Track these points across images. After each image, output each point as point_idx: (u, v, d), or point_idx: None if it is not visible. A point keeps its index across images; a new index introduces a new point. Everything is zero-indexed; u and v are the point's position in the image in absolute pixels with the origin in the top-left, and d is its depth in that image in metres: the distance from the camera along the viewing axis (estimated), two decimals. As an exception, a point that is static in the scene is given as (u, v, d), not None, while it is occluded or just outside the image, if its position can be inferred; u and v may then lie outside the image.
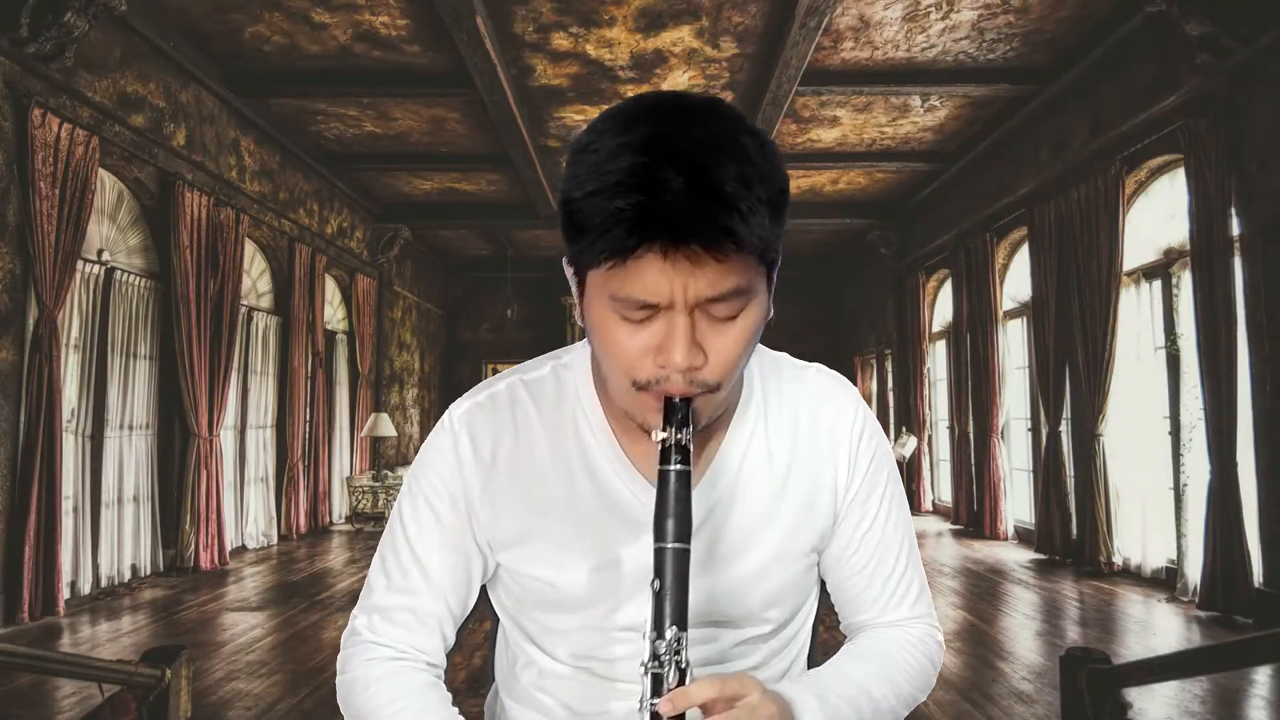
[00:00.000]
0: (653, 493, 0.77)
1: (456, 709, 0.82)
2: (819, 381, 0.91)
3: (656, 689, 0.66)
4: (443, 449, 0.85)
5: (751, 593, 0.84)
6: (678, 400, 0.71)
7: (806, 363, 0.94)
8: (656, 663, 0.66)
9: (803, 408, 0.89)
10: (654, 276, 0.66)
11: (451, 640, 0.88)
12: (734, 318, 0.70)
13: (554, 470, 0.84)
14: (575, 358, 0.88)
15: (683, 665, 0.66)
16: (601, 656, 0.85)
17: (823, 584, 0.95)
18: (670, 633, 0.66)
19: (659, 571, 0.67)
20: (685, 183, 0.63)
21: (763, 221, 0.66)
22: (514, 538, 0.84)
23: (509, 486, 0.84)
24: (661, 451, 0.71)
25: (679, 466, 0.70)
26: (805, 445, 0.87)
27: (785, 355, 0.94)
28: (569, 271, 0.75)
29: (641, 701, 0.66)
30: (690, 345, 0.68)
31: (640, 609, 0.81)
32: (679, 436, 0.70)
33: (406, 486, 0.88)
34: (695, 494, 0.78)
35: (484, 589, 0.93)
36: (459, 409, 0.87)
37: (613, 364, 0.73)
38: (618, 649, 0.84)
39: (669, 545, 0.68)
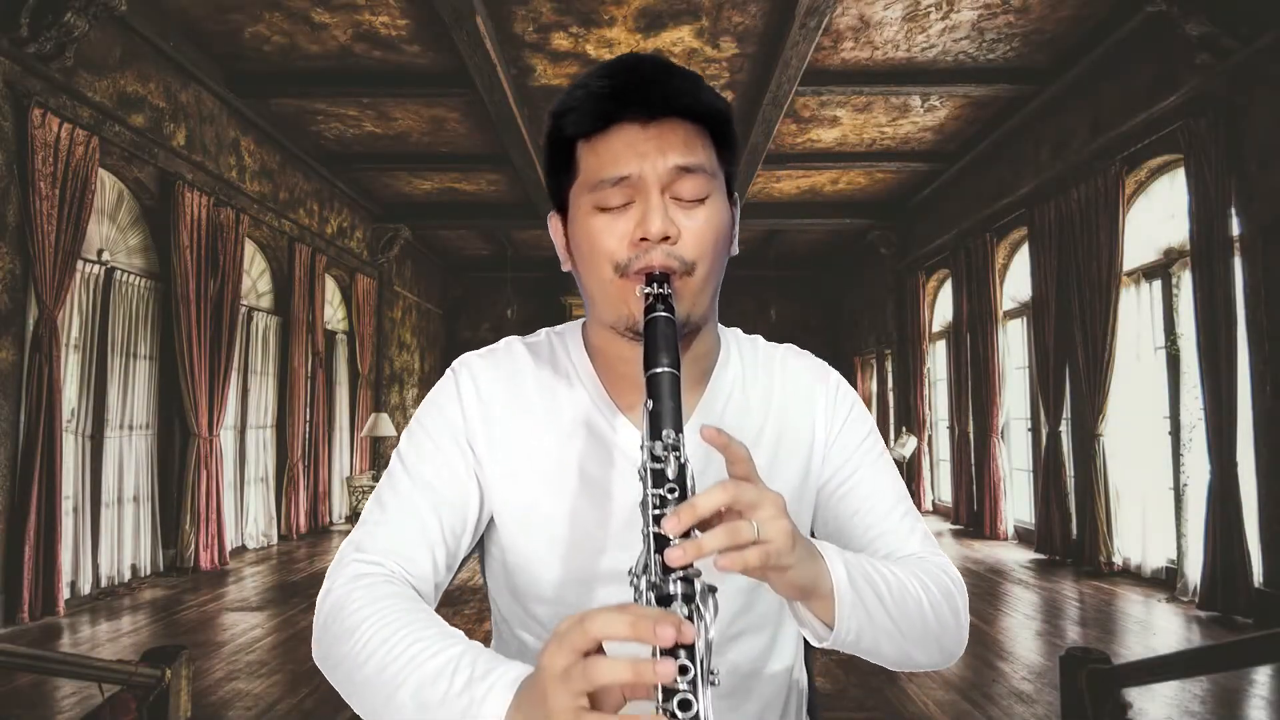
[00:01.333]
0: (638, 434, 0.85)
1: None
2: (793, 355, 0.98)
3: (657, 482, 0.64)
4: (445, 389, 0.90)
5: None
6: (659, 270, 0.77)
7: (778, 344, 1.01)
8: (655, 460, 0.65)
9: (780, 372, 0.95)
10: (625, 149, 0.77)
11: (442, 573, 0.83)
12: (701, 202, 0.79)
13: (545, 416, 0.88)
14: (568, 328, 0.95)
15: (682, 460, 0.65)
16: (583, 606, 0.83)
17: None
18: (668, 434, 0.66)
19: (652, 393, 0.69)
20: (649, 69, 0.78)
21: (711, 99, 0.80)
22: (505, 478, 0.86)
23: (504, 428, 0.87)
24: (646, 307, 0.75)
25: (663, 314, 0.74)
26: (781, 400, 0.93)
27: (760, 337, 1.00)
28: (555, 223, 0.87)
29: (643, 505, 0.63)
30: (664, 215, 0.76)
31: (625, 556, 0.81)
32: (661, 290, 0.76)
33: (407, 430, 0.90)
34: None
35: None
36: (461, 359, 0.92)
37: (596, 259, 0.79)
38: (600, 595, 0.84)
39: (660, 370, 0.70)
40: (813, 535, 0.91)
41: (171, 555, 5.89)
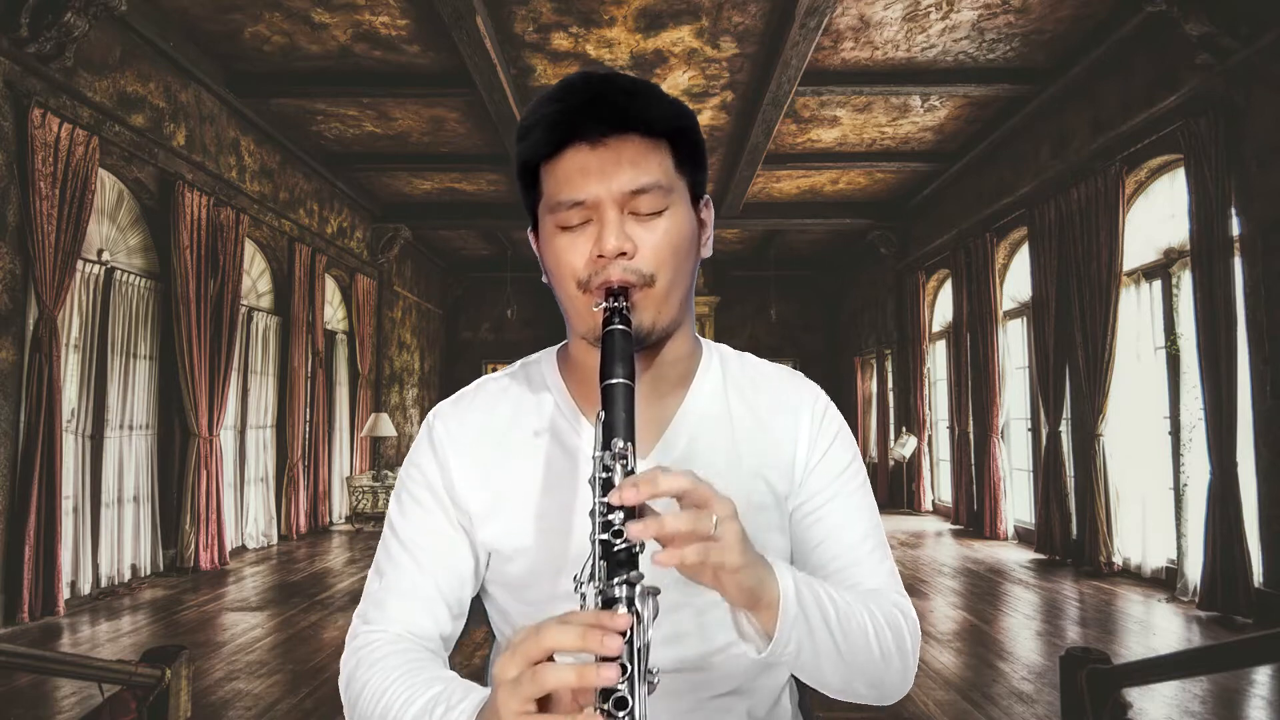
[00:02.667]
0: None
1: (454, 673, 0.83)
2: (785, 374, 0.98)
3: (605, 491, 0.64)
4: (420, 446, 0.92)
5: None
6: (616, 285, 0.78)
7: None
8: (605, 471, 0.65)
9: (766, 385, 0.95)
10: (578, 172, 0.78)
11: (447, 626, 0.87)
12: (659, 215, 0.80)
13: (521, 442, 0.89)
14: (541, 355, 0.97)
15: (630, 468, 0.65)
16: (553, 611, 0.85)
17: None
18: (617, 444, 0.66)
19: (605, 404, 0.69)
20: (595, 91, 0.78)
21: (665, 112, 0.81)
22: (487, 509, 0.87)
23: (479, 460, 0.89)
24: (603, 320, 0.76)
25: (620, 327, 0.75)
26: (766, 415, 0.92)
27: (751, 355, 1.00)
28: (531, 238, 0.88)
29: (592, 513, 0.64)
30: (619, 232, 0.78)
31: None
32: (617, 304, 0.77)
33: (395, 492, 0.93)
34: (659, 446, 0.88)
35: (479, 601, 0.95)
36: (434, 411, 0.94)
37: (561, 275, 0.82)
38: (566, 602, 0.84)
39: (614, 381, 0.70)
40: (792, 561, 0.91)
41: (171, 555, 5.89)
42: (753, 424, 0.91)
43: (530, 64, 6.01)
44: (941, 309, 9.45)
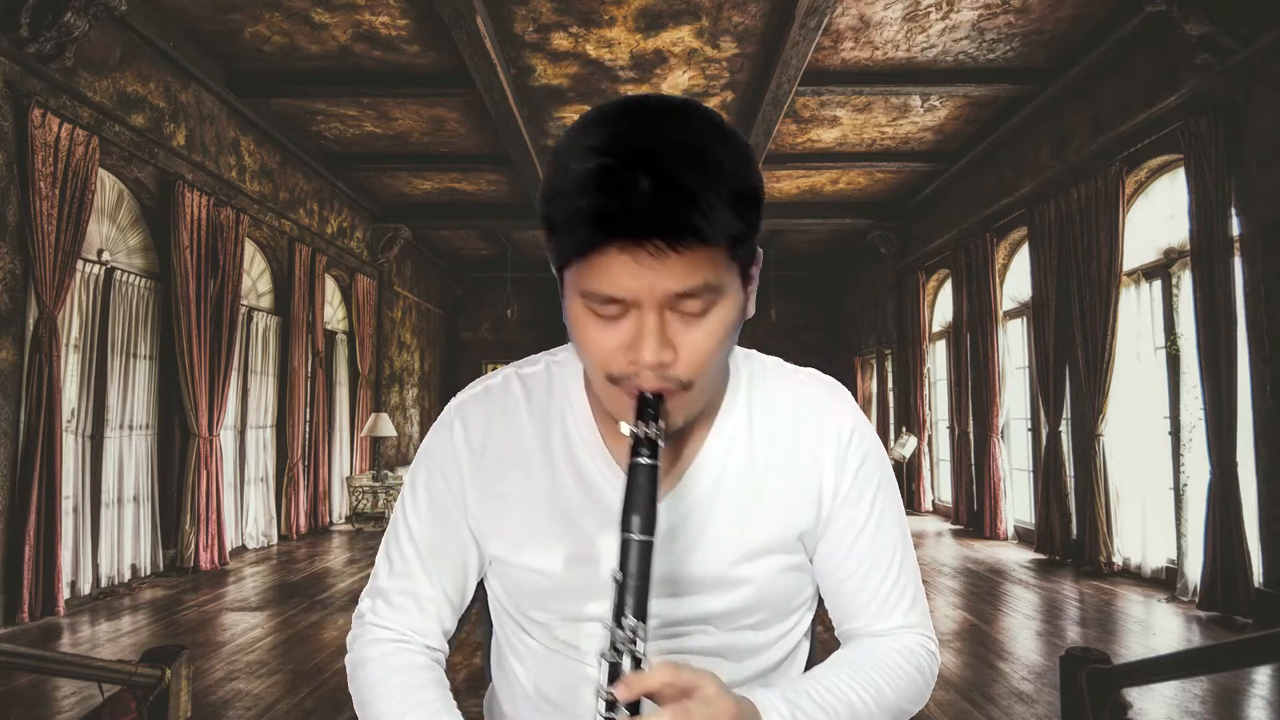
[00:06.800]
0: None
1: (448, 687, 0.86)
2: (810, 385, 0.91)
3: (613, 678, 0.66)
4: (441, 438, 0.90)
5: (731, 591, 0.84)
6: (649, 395, 0.72)
7: (799, 368, 0.94)
8: (614, 651, 0.66)
9: (791, 410, 0.89)
10: (619, 272, 0.67)
11: (450, 627, 0.91)
12: (704, 314, 0.71)
13: (539, 462, 0.86)
14: (570, 355, 0.90)
15: (639, 655, 0.66)
16: (575, 646, 0.86)
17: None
18: (629, 622, 0.67)
19: (622, 563, 0.68)
20: (646, 181, 0.64)
21: (725, 217, 0.67)
22: (499, 527, 0.86)
23: (496, 476, 0.87)
24: (632, 446, 0.72)
25: (647, 460, 0.70)
26: (791, 447, 0.87)
27: (778, 360, 0.94)
28: (550, 251, 0.78)
29: (598, 690, 0.66)
30: (659, 342, 0.69)
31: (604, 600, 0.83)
32: (648, 430, 0.71)
33: (409, 476, 0.92)
34: (677, 490, 0.84)
35: (482, 590, 0.95)
36: (456, 401, 0.92)
37: (588, 359, 0.75)
38: (585, 642, 0.85)
39: (634, 537, 0.68)
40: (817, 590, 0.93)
41: (171, 555, 5.89)
42: (779, 452, 0.87)
43: (530, 64, 6.01)
44: (941, 309, 9.45)
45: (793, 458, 0.87)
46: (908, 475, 9.80)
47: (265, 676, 3.53)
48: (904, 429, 9.93)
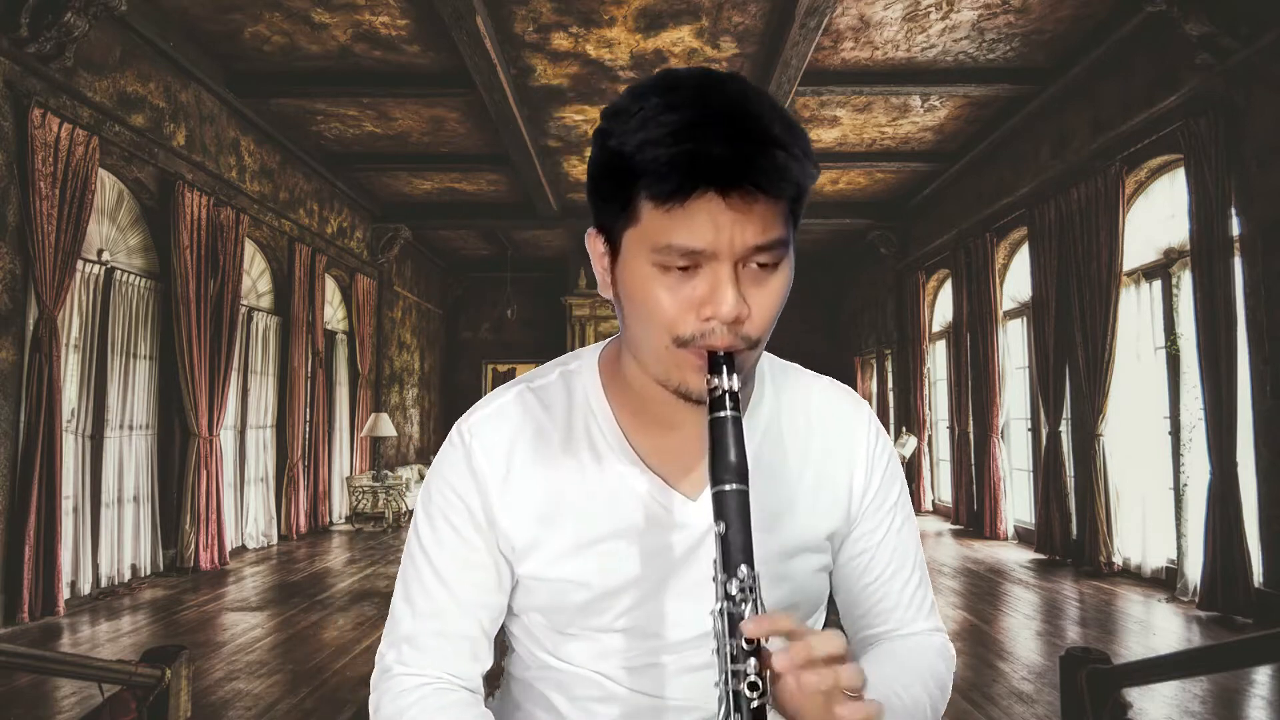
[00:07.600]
0: (666, 489, 0.82)
1: None
2: (833, 390, 0.93)
3: (733, 628, 0.64)
4: (456, 464, 0.84)
5: (770, 591, 0.83)
6: (721, 353, 0.71)
7: (819, 374, 0.96)
8: (731, 601, 0.64)
9: (820, 410, 0.90)
10: (705, 222, 0.67)
11: (488, 661, 0.85)
12: (774, 270, 0.72)
13: (568, 473, 0.84)
14: (582, 363, 0.88)
15: (757, 600, 0.65)
16: (659, 635, 0.84)
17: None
18: (743, 571, 0.65)
19: (722, 514, 0.67)
20: (736, 129, 0.65)
21: (805, 169, 0.69)
22: (533, 543, 0.83)
23: (525, 492, 0.83)
24: (712, 401, 0.70)
25: (732, 412, 0.69)
26: (820, 444, 0.88)
27: (796, 364, 0.95)
28: (596, 243, 0.76)
29: (718, 637, 0.64)
30: (737, 296, 0.69)
31: (651, 605, 0.82)
32: (730, 384, 0.70)
33: (421, 508, 0.86)
34: (708, 491, 0.81)
35: None
36: (467, 422, 0.86)
37: (652, 322, 0.72)
38: (671, 631, 0.84)
39: (728, 487, 0.67)
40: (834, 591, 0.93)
41: (171, 555, 5.89)
42: (810, 454, 0.87)
43: (530, 64, 6.01)
44: (941, 309, 9.45)
45: (823, 456, 0.88)
46: (908, 475, 9.80)
47: (265, 676, 3.53)
48: (904, 429, 9.93)
